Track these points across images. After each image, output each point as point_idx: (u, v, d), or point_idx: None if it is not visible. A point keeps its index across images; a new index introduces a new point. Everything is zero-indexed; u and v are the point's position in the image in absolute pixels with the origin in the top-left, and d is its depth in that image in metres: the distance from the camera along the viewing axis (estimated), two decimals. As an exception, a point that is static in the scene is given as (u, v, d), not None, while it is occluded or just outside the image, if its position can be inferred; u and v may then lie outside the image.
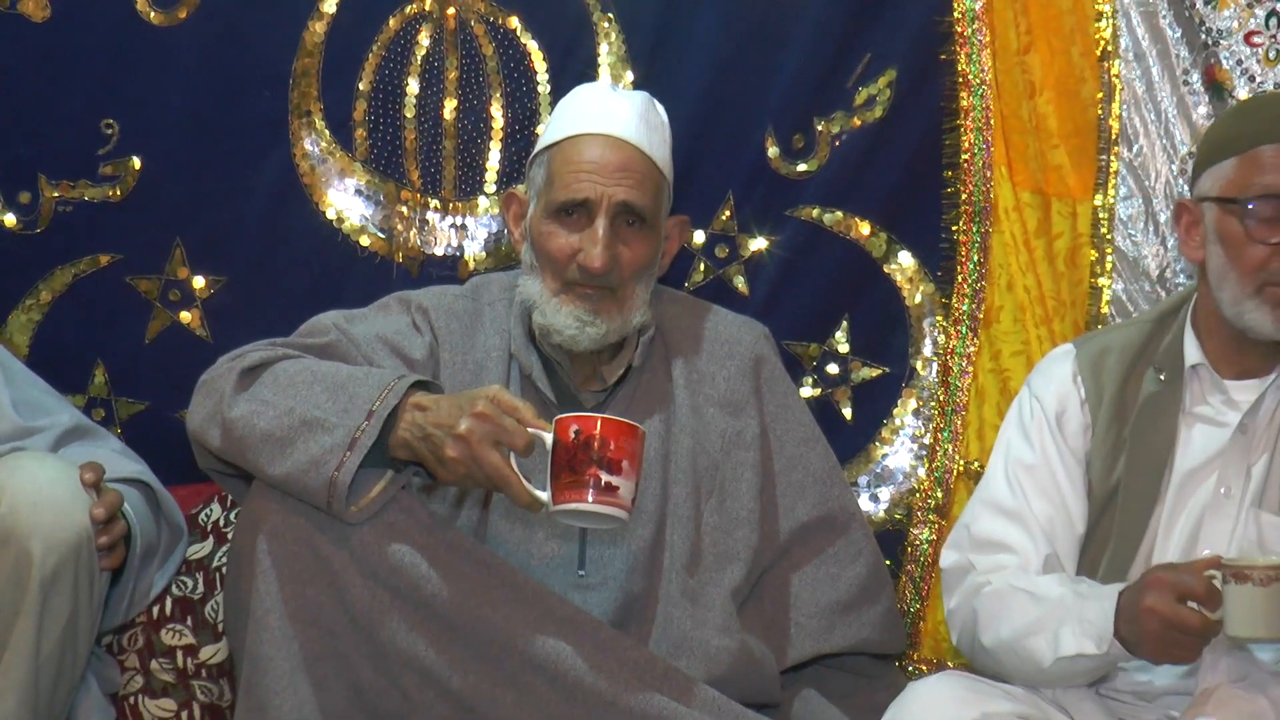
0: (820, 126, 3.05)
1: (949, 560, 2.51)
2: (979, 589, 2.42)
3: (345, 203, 3.06)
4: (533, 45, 3.05)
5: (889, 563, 2.84)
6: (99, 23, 2.98)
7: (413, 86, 3.05)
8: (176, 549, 2.73)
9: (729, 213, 3.07)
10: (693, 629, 2.42)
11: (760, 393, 2.63)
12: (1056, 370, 2.53)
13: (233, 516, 2.81)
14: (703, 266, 3.09)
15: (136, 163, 3.01)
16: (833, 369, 3.11)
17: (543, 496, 2.19)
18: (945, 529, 2.99)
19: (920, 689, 2.26)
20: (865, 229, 3.08)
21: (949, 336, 3.07)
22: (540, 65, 3.05)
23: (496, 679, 2.24)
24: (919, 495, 3.07)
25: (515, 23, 3.05)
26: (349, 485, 2.23)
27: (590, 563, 2.48)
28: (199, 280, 3.05)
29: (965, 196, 3.05)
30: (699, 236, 3.07)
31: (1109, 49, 3.02)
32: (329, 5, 3.02)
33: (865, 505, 3.06)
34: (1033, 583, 2.37)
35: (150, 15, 2.99)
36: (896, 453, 3.10)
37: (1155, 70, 3.03)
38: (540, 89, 3.05)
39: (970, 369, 3.06)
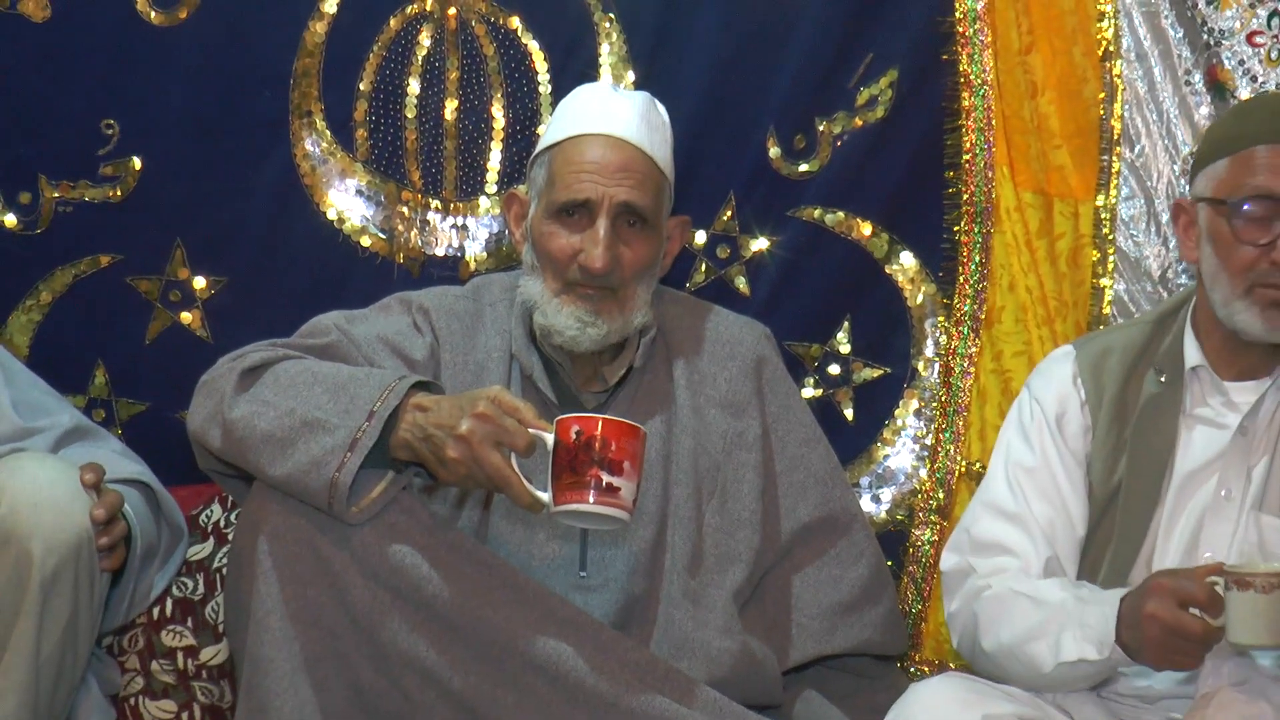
0: (822, 127, 3.05)
1: (949, 563, 2.51)
2: (979, 592, 2.41)
3: (346, 203, 3.06)
4: (534, 45, 3.05)
5: (890, 564, 2.84)
6: (99, 23, 2.97)
7: (414, 87, 3.04)
8: (177, 550, 2.72)
9: (730, 213, 3.07)
10: (694, 630, 2.42)
11: (762, 393, 2.63)
12: (1056, 372, 2.53)
13: (233, 517, 2.81)
14: (704, 267, 3.09)
15: (137, 163, 3.01)
16: (834, 369, 3.10)
17: (544, 497, 2.19)
18: (947, 530, 2.98)
19: (921, 690, 2.26)
20: (867, 229, 3.07)
21: (951, 337, 3.07)
22: (541, 65, 3.05)
23: (498, 680, 2.24)
24: (921, 496, 3.07)
25: (516, 23, 3.05)
26: (350, 486, 2.22)
27: (591, 564, 2.47)
28: (199, 281, 3.05)
29: (967, 197, 3.05)
30: (700, 237, 3.07)
31: (1111, 49, 3.02)
32: (329, 5, 3.01)
33: (867, 506, 3.06)
34: (1034, 587, 2.36)
35: (150, 15, 2.98)
36: (898, 453, 3.09)
37: (1157, 70, 3.03)
38: (541, 89, 3.05)
39: (972, 370, 3.06)
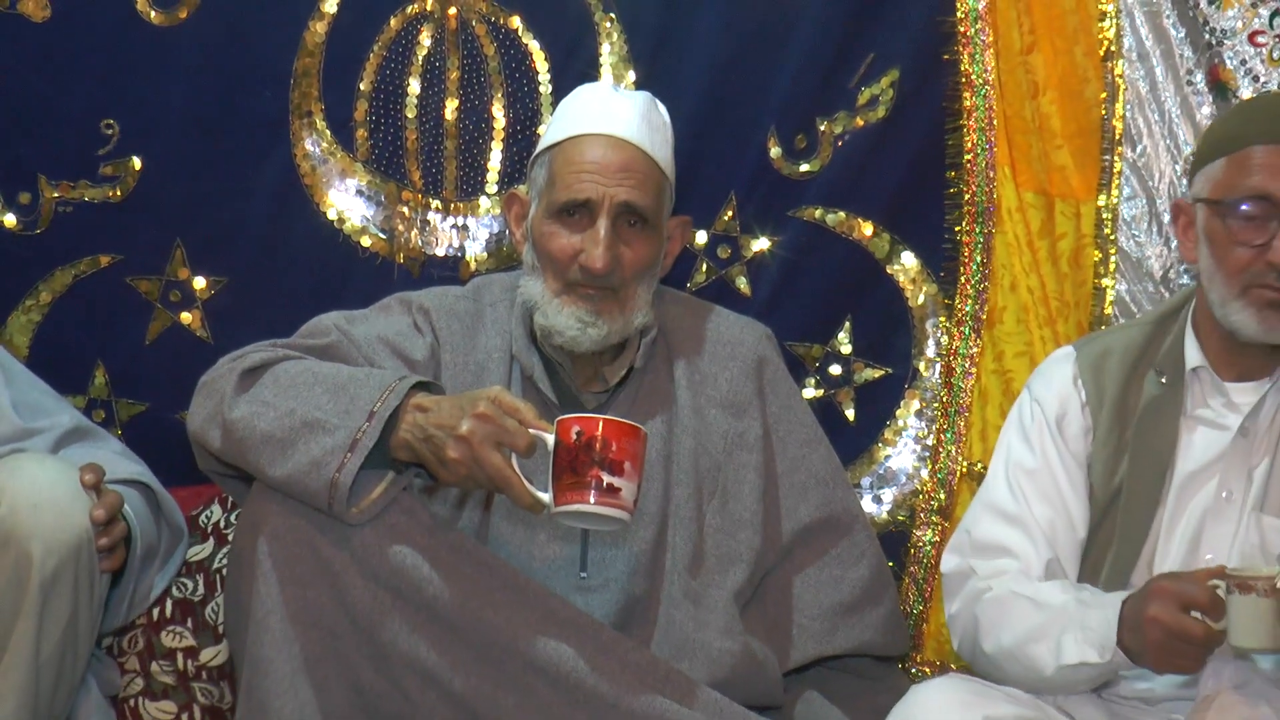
0: (823, 127, 3.04)
1: (950, 565, 2.50)
2: (980, 594, 2.40)
3: (346, 203, 3.05)
4: (534, 45, 3.05)
5: (892, 564, 2.83)
6: (99, 23, 2.97)
7: (414, 86, 3.04)
8: (177, 551, 2.72)
9: (731, 213, 3.06)
10: (695, 631, 2.41)
11: (763, 394, 2.62)
12: (1057, 373, 2.52)
13: (233, 518, 2.81)
14: (705, 267, 3.08)
15: (137, 163, 3.01)
16: (835, 370, 3.10)
17: (544, 498, 2.18)
18: (948, 530, 2.98)
19: (923, 692, 2.25)
20: (868, 229, 3.07)
21: (952, 337, 3.06)
22: (542, 65, 3.05)
23: (498, 681, 2.23)
24: (922, 497, 3.07)
25: (517, 22, 3.04)
26: (350, 487, 2.22)
27: (592, 564, 2.47)
28: (199, 281, 3.05)
29: (968, 197, 3.04)
30: (701, 237, 3.06)
31: (1112, 49, 3.02)
32: (330, 5, 3.01)
33: (868, 507, 3.05)
34: (1035, 589, 2.35)
35: (150, 15, 2.98)
36: (899, 454, 3.09)
37: (1159, 70, 3.02)
38: (542, 89, 3.04)
39: (973, 370, 3.05)
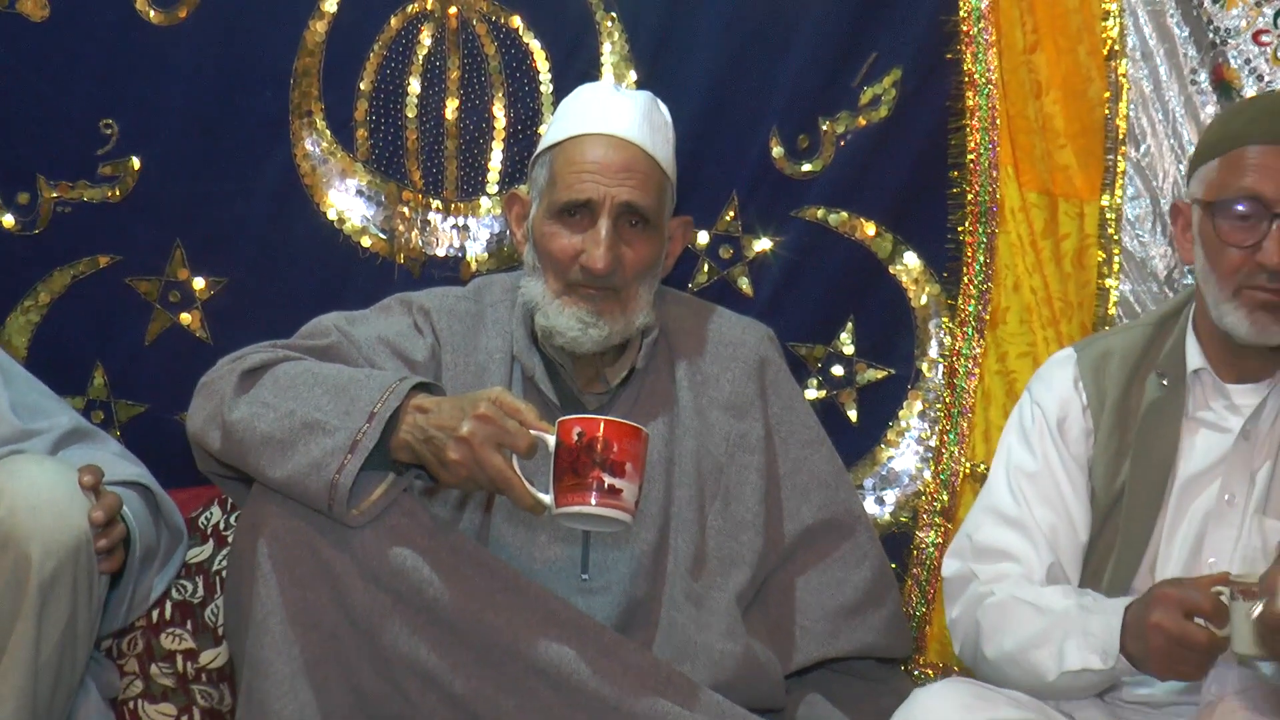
0: (825, 126, 3.04)
1: (951, 569, 2.50)
2: (982, 599, 2.40)
3: (346, 203, 3.05)
4: (535, 45, 3.04)
5: (894, 566, 2.84)
6: (98, 22, 2.97)
7: (414, 86, 3.04)
8: (176, 552, 2.72)
9: (733, 213, 3.06)
10: (697, 633, 2.41)
11: (765, 395, 2.62)
12: (1057, 375, 2.52)
13: (233, 520, 2.81)
14: (707, 267, 3.08)
15: (136, 163, 3.01)
16: (838, 371, 3.09)
17: (545, 499, 2.17)
18: (951, 532, 2.97)
19: (925, 696, 2.24)
20: (870, 229, 3.07)
21: (955, 338, 3.06)
22: (543, 65, 3.04)
23: (499, 683, 2.23)
24: (925, 498, 3.06)
25: (518, 22, 3.04)
26: (350, 488, 2.21)
27: (593, 566, 2.46)
28: (199, 281, 3.04)
29: (971, 197, 3.04)
30: (703, 237, 3.06)
31: (1116, 48, 3.02)
32: (330, 4, 3.01)
33: (870, 508, 3.05)
34: (1037, 594, 2.35)
35: (150, 15, 2.98)
36: (902, 455, 3.09)
37: (1163, 69, 3.02)
38: (543, 89, 3.04)
39: (976, 371, 3.05)
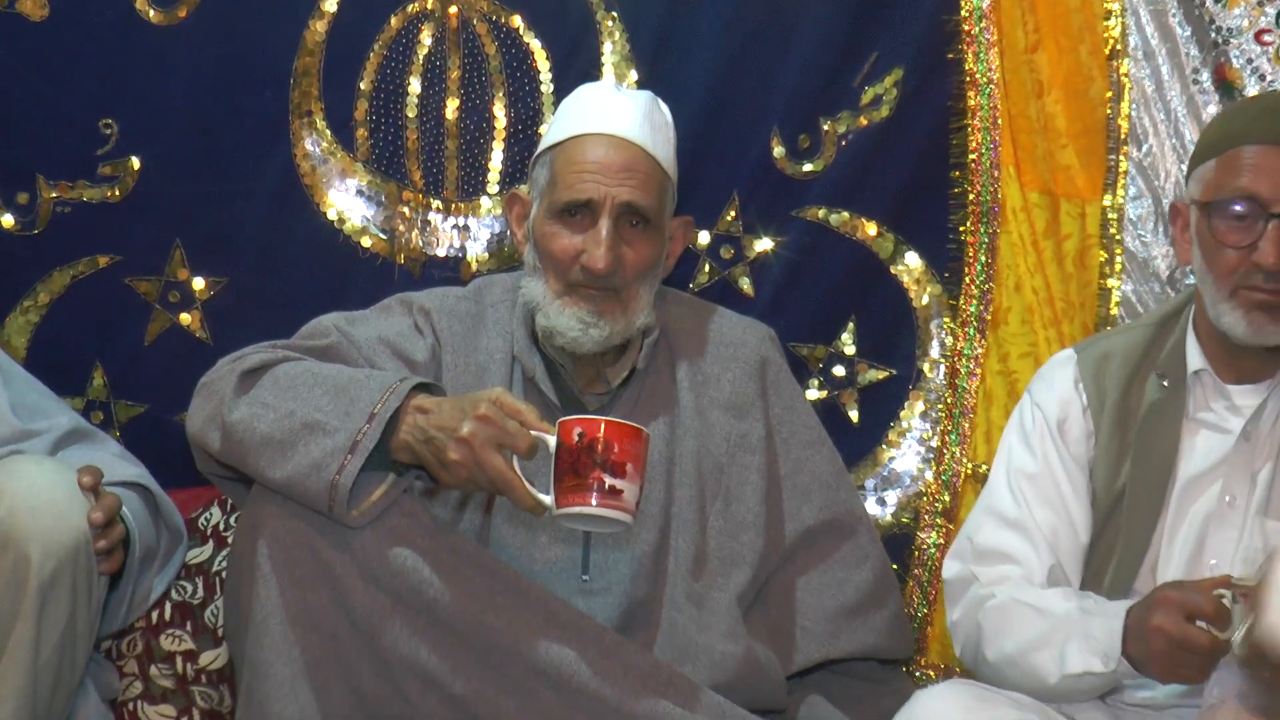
0: (826, 126, 3.03)
1: (951, 571, 2.49)
2: (983, 602, 2.39)
3: (346, 203, 3.04)
4: (536, 44, 3.04)
5: (896, 567, 2.84)
6: (98, 22, 2.97)
7: (415, 86, 3.03)
8: (176, 553, 2.71)
9: (734, 213, 3.05)
10: (697, 634, 2.40)
11: (766, 395, 2.61)
12: (1058, 377, 2.51)
13: (233, 520, 2.81)
14: (707, 267, 3.07)
15: (135, 163, 3.00)
16: (839, 371, 3.09)
17: (546, 500, 2.17)
18: (953, 533, 2.97)
19: (926, 698, 2.24)
20: (872, 230, 3.06)
21: (956, 338, 3.06)
22: (543, 64, 3.04)
23: (500, 685, 2.23)
24: (926, 499, 3.06)
25: (518, 21, 3.04)
26: (350, 489, 2.21)
27: (594, 567, 2.46)
28: (199, 282, 3.04)
29: (973, 197, 3.04)
30: (704, 237, 3.05)
31: (1118, 47, 3.01)
32: (330, 4, 3.01)
33: (872, 509, 3.04)
34: (1038, 597, 2.34)
35: (150, 14, 2.98)
36: (903, 456, 3.08)
37: (1165, 69, 3.02)
38: (543, 88, 3.03)
39: (978, 371, 3.05)
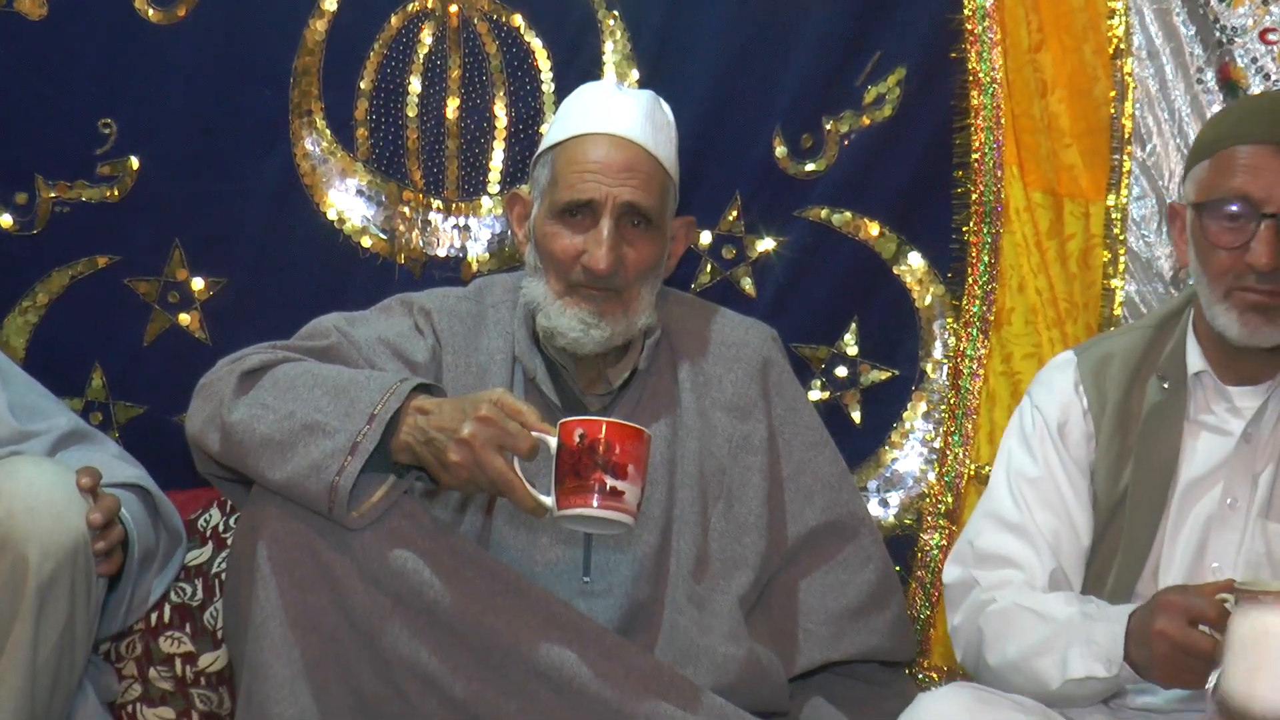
0: (829, 126, 3.03)
1: (952, 575, 2.48)
2: (984, 606, 2.38)
3: (346, 203, 3.04)
4: (537, 43, 3.03)
5: (898, 569, 2.84)
6: (97, 21, 2.97)
7: (415, 85, 3.03)
8: (175, 555, 2.71)
9: (736, 213, 3.05)
10: (699, 636, 2.40)
11: (768, 396, 2.61)
12: (1058, 380, 2.51)
13: (232, 522, 2.81)
14: (709, 268, 3.07)
15: (135, 163, 3.00)
16: (841, 372, 3.09)
17: (547, 501, 2.17)
18: (956, 534, 2.96)
19: (929, 700, 2.23)
20: (874, 230, 3.06)
21: (959, 339, 3.05)
22: (544, 64, 3.03)
23: (500, 686, 2.22)
24: (929, 500, 3.05)
25: (519, 20, 3.03)
26: (350, 490, 2.20)
27: (595, 569, 2.45)
28: (198, 282, 3.04)
29: (976, 197, 3.03)
30: (705, 237, 3.05)
31: (1122, 47, 3.01)
32: (330, 3, 3.01)
33: (874, 510, 3.04)
34: (1040, 601, 2.33)
35: (149, 13, 2.98)
36: (906, 457, 3.08)
37: (1169, 68, 3.01)
38: (544, 88, 3.03)
39: (981, 372, 3.04)
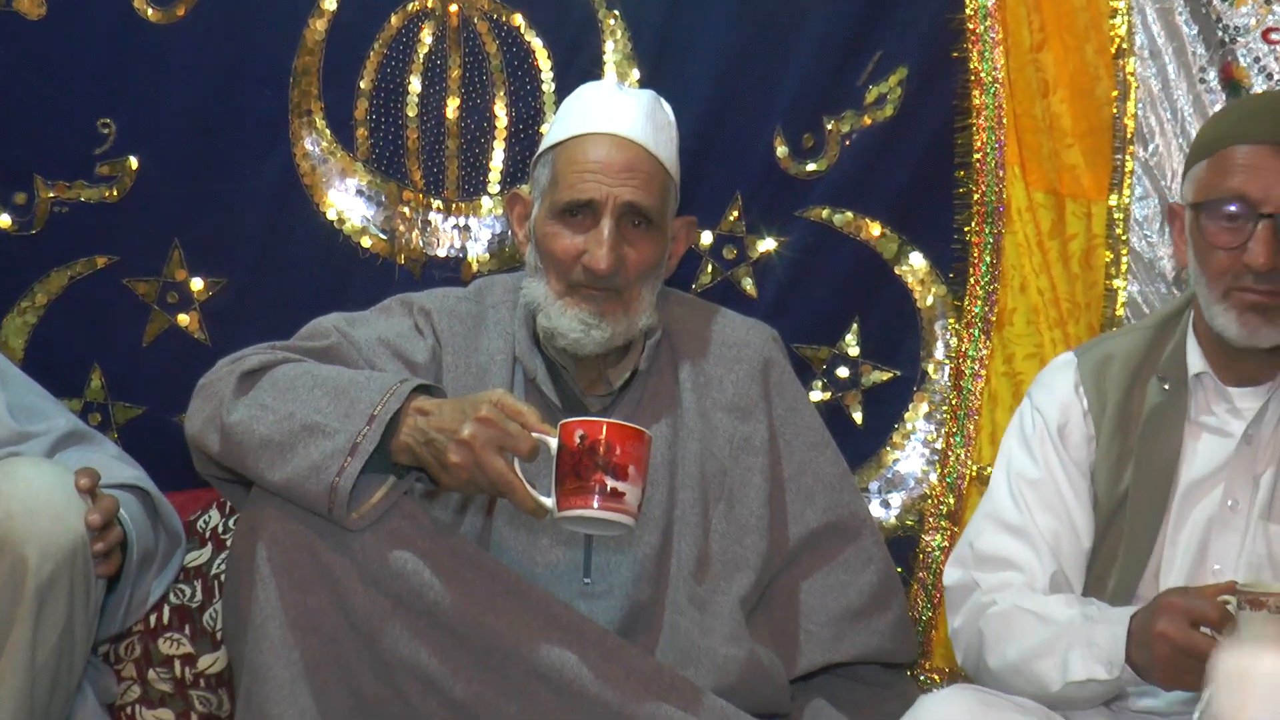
0: (830, 125, 3.03)
1: (953, 578, 2.47)
2: (984, 609, 2.38)
3: (346, 203, 3.04)
4: (537, 43, 3.03)
5: (900, 570, 2.83)
6: (96, 21, 2.97)
7: (415, 85, 3.03)
8: (174, 556, 2.71)
9: (737, 213, 3.05)
10: (700, 638, 2.39)
11: (769, 397, 2.61)
12: (1058, 381, 2.50)
13: (232, 523, 2.81)
14: (710, 268, 3.07)
15: (134, 163, 3.00)
16: (843, 372, 3.08)
17: (547, 503, 2.16)
18: (957, 535, 2.96)
19: (931, 702, 2.23)
20: (876, 230, 3.05)
21: (961, 339, 3.05)
22: (545, 63, 3.03)
23: (501, 688, 2.22)
24: (931, 501, 3.05)
25: (519, 20, 3.03)
26: (350, 491, 2.20)
27: (596, 570, 2.45)
28: (197, 282, 3.03)
29: (977, 197, 3.03)
30: (706, 237, 3.05)
31: (1124, 46, 3.01)
32: (330, 3, 3.01)
33: (876, 511, 3.04)
34: (1040, 603, 2.33)
35: (148, 13, 2.98)
36: (908, 458, 3.07)
37: (1171, 68, 3.01)
38: (545, 87, 3.03)
39: (983, 372, 3.04)
